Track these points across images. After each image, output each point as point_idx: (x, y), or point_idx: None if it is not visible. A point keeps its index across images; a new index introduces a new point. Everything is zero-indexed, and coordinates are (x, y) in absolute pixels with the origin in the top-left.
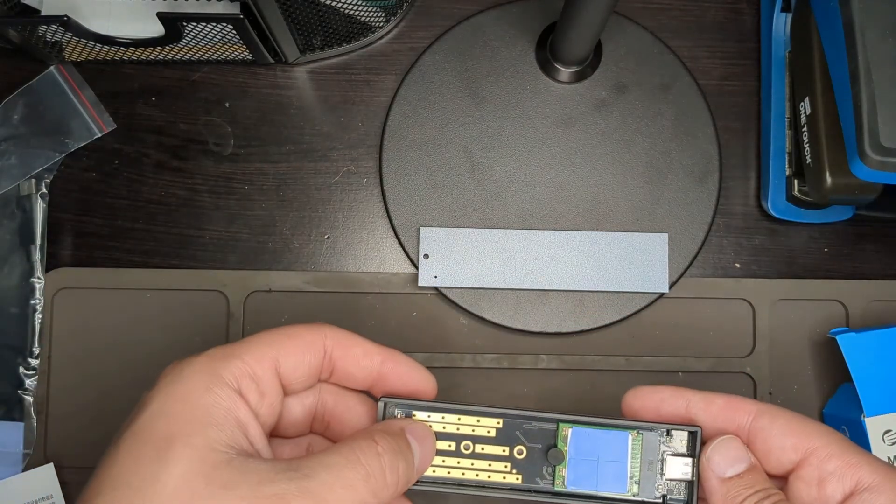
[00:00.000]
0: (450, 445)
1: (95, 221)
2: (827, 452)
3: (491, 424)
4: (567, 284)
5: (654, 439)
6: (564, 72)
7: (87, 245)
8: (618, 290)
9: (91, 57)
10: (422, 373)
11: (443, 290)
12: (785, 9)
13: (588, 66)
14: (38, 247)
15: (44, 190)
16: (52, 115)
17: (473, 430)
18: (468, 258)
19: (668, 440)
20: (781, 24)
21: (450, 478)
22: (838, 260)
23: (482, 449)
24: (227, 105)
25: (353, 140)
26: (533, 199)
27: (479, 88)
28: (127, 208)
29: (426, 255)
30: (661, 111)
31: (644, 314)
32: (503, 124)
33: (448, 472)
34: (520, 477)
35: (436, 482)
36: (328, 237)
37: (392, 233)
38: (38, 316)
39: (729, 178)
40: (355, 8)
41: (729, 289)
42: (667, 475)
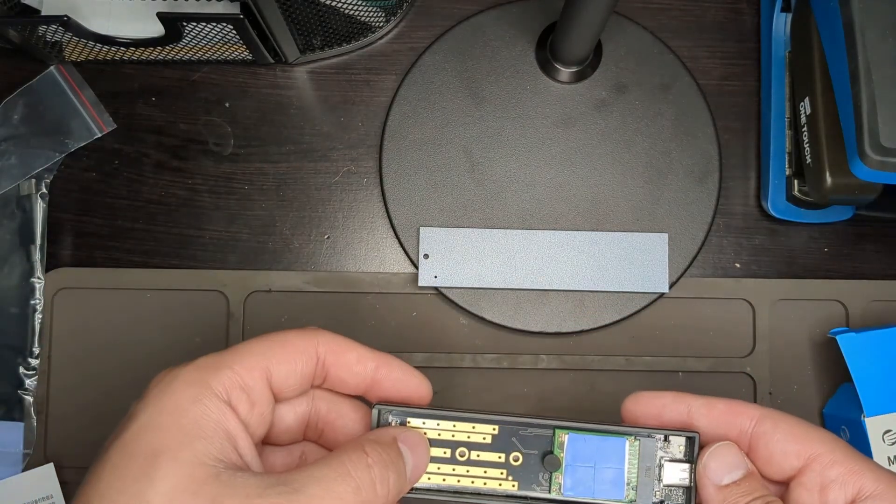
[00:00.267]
0: (445, 452)
1: (95, 221)
2: (830, 459)
3: (487, 431)
4: (567, 284)
5: (651, 445)
6: (564, 72)
7: (87, 245)
8: (618, 290)
9: (91, 57)
10: (416, 378)
11: (443, 290)
12: (785, 9)
13: (588, 66)
14: (38, 247)
15: (44, 190)
16: (52, 115)
17: (469, 437)
18: (468, 258)
19: (665, 446)
20: (781, 24)
21: (445, 485)
22: (838, 260)
23: (478, 456)
24: (227, 105)
25: (353, 140)
26: (533, 199)
27: (479, 88)
28: (127, 208)
29: (426, 255)
30: (661, 111)
31: (644, 314)
32: (503, 124)
33: (443, 480)
34: (516, 484)
35: (430, 490)
36: (328, 237)
37: (392, 233)
38: (38, 316)
39: (729, 178)
40: (355, 8)
41: (729, 289)
42: (664, 481)
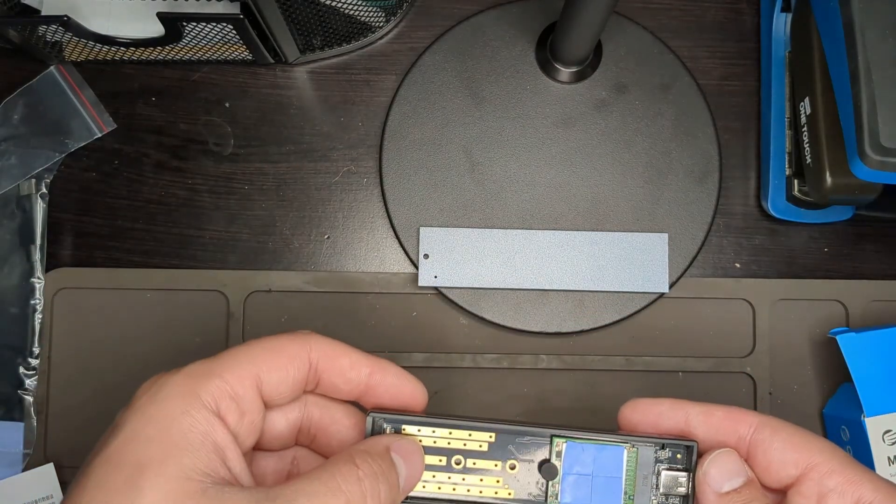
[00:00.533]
0: (440, 460)
1: (95, 221)
2: (828, 468)
3: (483, 438)
4: (567, 284)
5: (648, 453)
6: (564, 72)
7: (87, 245)
8: (618, 290)
9: (91, 57)
10: (411, 383)
11: (443, 290)
12: (785, 9)
13: (588, 66)
14: (38, 247)
15: (44, 190)
16: (52, 115)
17: (465, 445)
18: (468, 258)
19: (663, 454)
20: (781, 24)
21: (440, 493)
22: (838, 260)
23: (474, 464)
24: (227, 105)
25: (353, 140)
26: (533, 199)
27: (479, 88)
28: (127, 208)
29: (426, 255)
30: (661, 111)
31: (644, 314)
32: (503, 124)
33: (438, 488)
34: (512, 492)
35: (425, 499)
36: (328, 237)
37: (392, 233)
38: (38, 316)
39: (729, 178)
40: (355, 8)
41: (729, 289)
42: (662, 489)
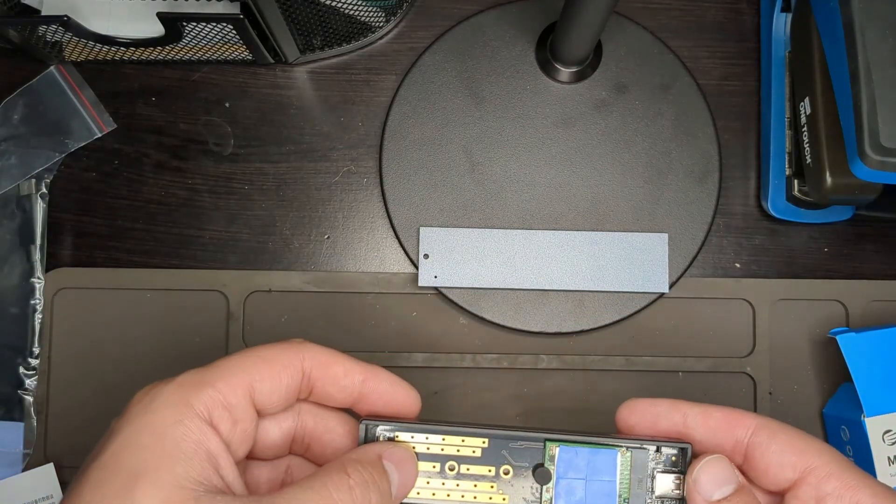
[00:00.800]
0: (434, 466)
1: (95, 221)
2: (826, 472)
3: (476, 444)
4: (567, 284)
5: (643, 456)
6: (564, 72)
7: (87, 245)
8: (618, 290)
9: (91, 57)
10: (405, 389)
11: (443, 290)
12: (785, 9)
13: (588, 66)
14: (38, 247)
15: (44, 190)
16: (52, 115)
17: (458, 451)
18: (468, 258)
19: (657, 457)
20: (781, 24)
21: (434, 500)
22: (838, 260)
23: (468, 469)
24: (227, 105)
25: (353, 140)
26: (533, 199)
27: (479, 88)
28: (127, 208)
29: (426, 255)
30: (661, 111)
31: (644, 314)
32: (503, 124)
33: (433, 495)
34: (506, 497)
35: None
36: (328, 237)
37: (392, 233)
38: (38, 316)
39: (729, 178)
40: (355, 8)
41: (729, 289)
42: (657, 492)
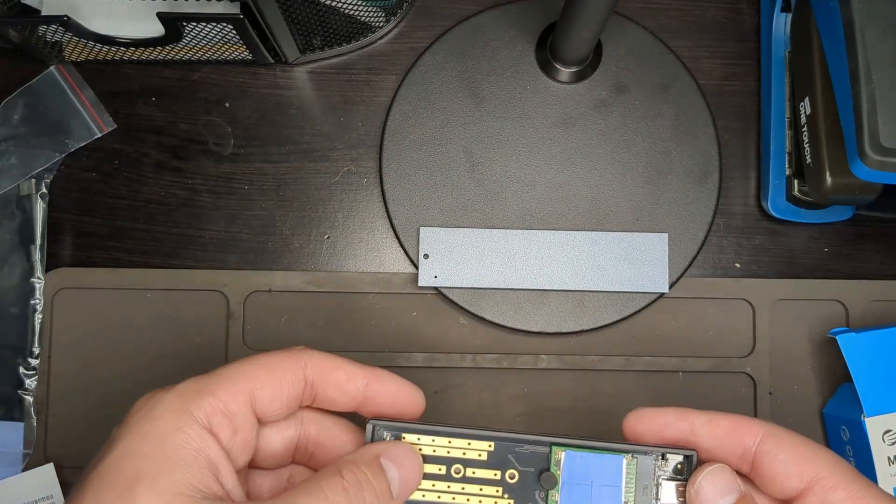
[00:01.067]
0: (440, 469)
1: (95, 221)
2: (832, 482)
3: (482, 447)
4: (567, 284)
5: (648, 463)
6: (564, 72)
7: (87, 245)
8: (618, 290)
9: (91, 57)
10: (409, 390)
11: (443, 290)
12: (785, 9)
13: (588, 66)
14: (38, 247)
15: (44, 190)
16: (52, 115)
17: (464, 454)
18: (468, 258)
19: (662, 464)
20: (781, 24)
21: (440, 502)
22: (838, 260)
23: (473, 473)
24: (227, 105)
25: (353, 140)
26: (533, 199)
27: (479, 88)
28: (127, 208)
29: (426, 255)
30: (661, 111)
31: (644, 314)
32: (503, 124)
33: (438, 497)
34: (511, 502)
35: None
36: (328, 237)
37: (392, 233)
38: (38, 316)
39: (729, 178)
40: (355, 8)
41: (729, 289)
42: (661, 500)
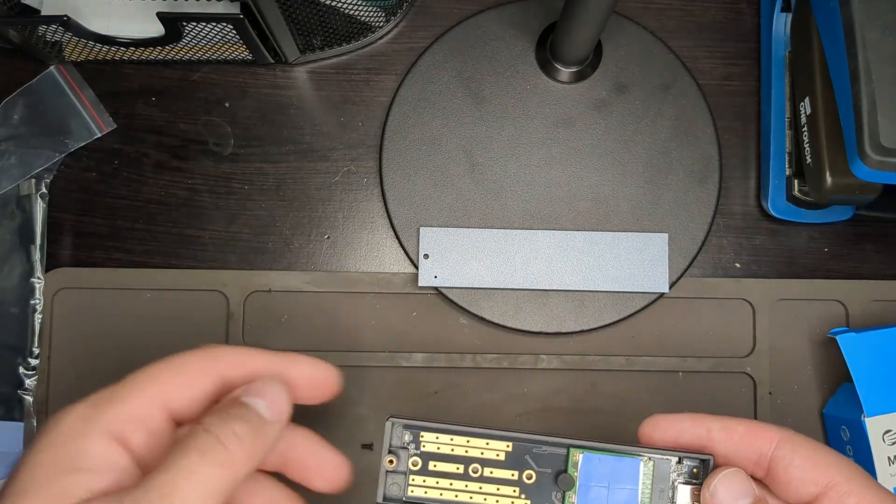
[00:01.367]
0: (458, 468)
1: (95, 221)
2: (847, 489)
3: (500, 448)
4: (567, 284)
5: (665, 466)
6: (564, 72)
7: (87, 245)
8: (618, 290)
9: (91, 57)
10: (322, 369)
11: (443, 290)
12: (785, 9)
13: (588, 66)
14: (38, 247)
15: (44, 190)
16: (52, 115)
17: (482, 453)
18: (468, 258)
19: (679, 468)
20: (781, 24)
21: (457, 501)
22: (838, 260)
23: (491, 472)
24: (227, 105)
25: (353, 140)
26: (533, 199)
27: (479, 88)
28: (127, 208)
29: (426, 255)
30: (661, 111)
31: (644, 314)
32: (503, 124)
33: (456, 496)
34: (528, 502)
35: None
36: (328, 237)
37: (392, 233)
38: (38, 316)
39: (729, 178)
40: (355, 8)
41: (729, 289)
42: (677, 503)
